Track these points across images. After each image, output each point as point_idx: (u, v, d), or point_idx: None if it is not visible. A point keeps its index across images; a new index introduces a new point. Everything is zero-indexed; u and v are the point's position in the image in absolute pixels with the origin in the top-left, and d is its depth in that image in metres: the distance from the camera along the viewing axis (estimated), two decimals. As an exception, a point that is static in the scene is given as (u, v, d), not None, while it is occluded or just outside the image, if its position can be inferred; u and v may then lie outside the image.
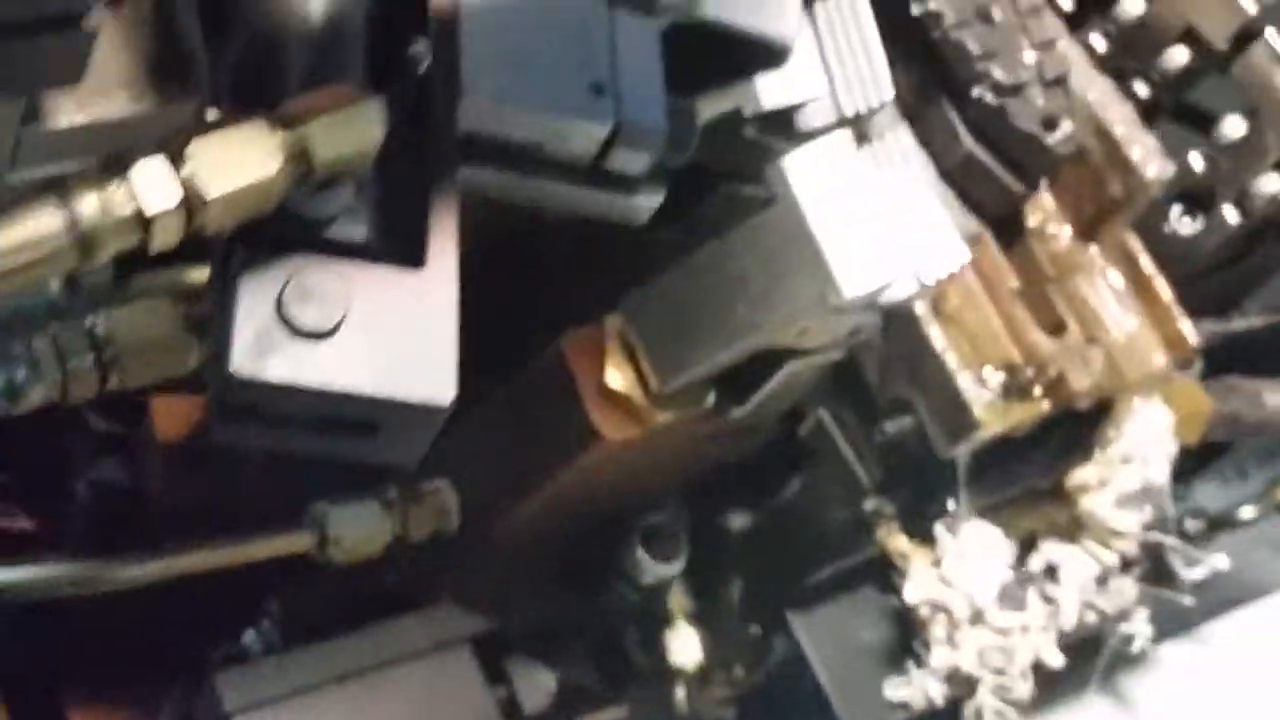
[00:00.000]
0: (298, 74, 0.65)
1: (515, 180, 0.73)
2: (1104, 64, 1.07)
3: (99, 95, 0.71)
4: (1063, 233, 1.03)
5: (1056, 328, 1.01)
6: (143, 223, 0.56)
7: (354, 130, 0.61)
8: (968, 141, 0.99)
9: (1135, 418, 1.05)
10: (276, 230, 0.62)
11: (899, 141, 0.91)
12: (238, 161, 0.57)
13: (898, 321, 0.95)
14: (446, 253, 0.66)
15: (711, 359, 0.87)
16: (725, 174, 0.87)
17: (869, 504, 1.04)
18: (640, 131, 0.73)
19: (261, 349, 0.61)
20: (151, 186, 0.56)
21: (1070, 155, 0.98)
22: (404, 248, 0.65)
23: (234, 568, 0.88)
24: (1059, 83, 0.98)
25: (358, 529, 0.89)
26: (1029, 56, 0.98)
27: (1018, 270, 1.02)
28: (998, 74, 0.97)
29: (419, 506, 0.91)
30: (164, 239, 0.57)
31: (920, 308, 0.96)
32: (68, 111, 0.71)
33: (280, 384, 0.61)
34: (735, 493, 1.10)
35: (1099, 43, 1.08)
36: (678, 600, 1.12)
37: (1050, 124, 0.98)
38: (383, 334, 0.63)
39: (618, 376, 0.87)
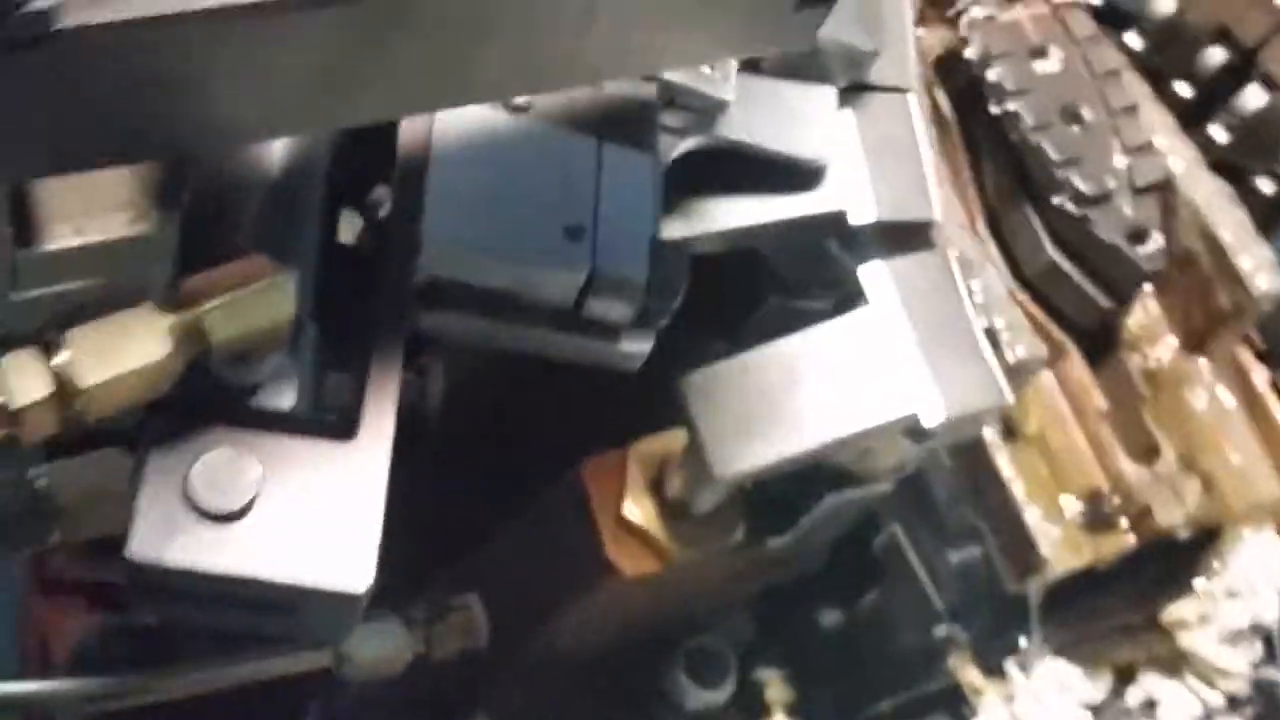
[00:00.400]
0: (232, 236, 0.62)
1: (490, 327, 0.69)
2: (1222, 162, 0.97)
3: (96, 217, 0.70)
4: (1165, 345, 0.94)
5: (1149, 453, 0.92)
6: (11, 415, 0.53)
7: (262, 307, 0.57)
8: (1050, 250, 0.91)
9: (1243, 549, 0.95)
10: (194, 399, 0.59)
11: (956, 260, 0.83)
12: (119, 347, 0.54)
13: (965, 444, 0.88)
14: (381, 422, 0.62)
15: (777, 456, 0.80)
16: (783, 286, 0.82)
17: (941, 630, 0.97)
18: (617, 281, 0.68)
19: (165, 531, 0.58)
20: (20, 377, 0.53)
21: (1161, 271, 0.90)
22: (334, 418, 0.62)
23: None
24: (1152, 190, 0.90)
25: (376, 647, 0.85)
26: (1119, 161, 0.90)
27: (1107, 389, 0.93)
28: (1079, 182, 0.89)
29: (444, 624, 0.87)
30: (37, 430, 0.54)
31: (989, 432, 0.89)
32: (64, 235, 0.70)
33: (180, 569, 0.58)
34: (823, 591, 1.04)
35: (1220, 135, 0.99)
36: (776, 691, 1.07)
37: (1138, 236, 0.90)
38: (298, 515, 0.59)
39: (636, 509, 0.82)
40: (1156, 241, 0.89)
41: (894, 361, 0.76)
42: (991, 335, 0.82)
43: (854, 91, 0.79)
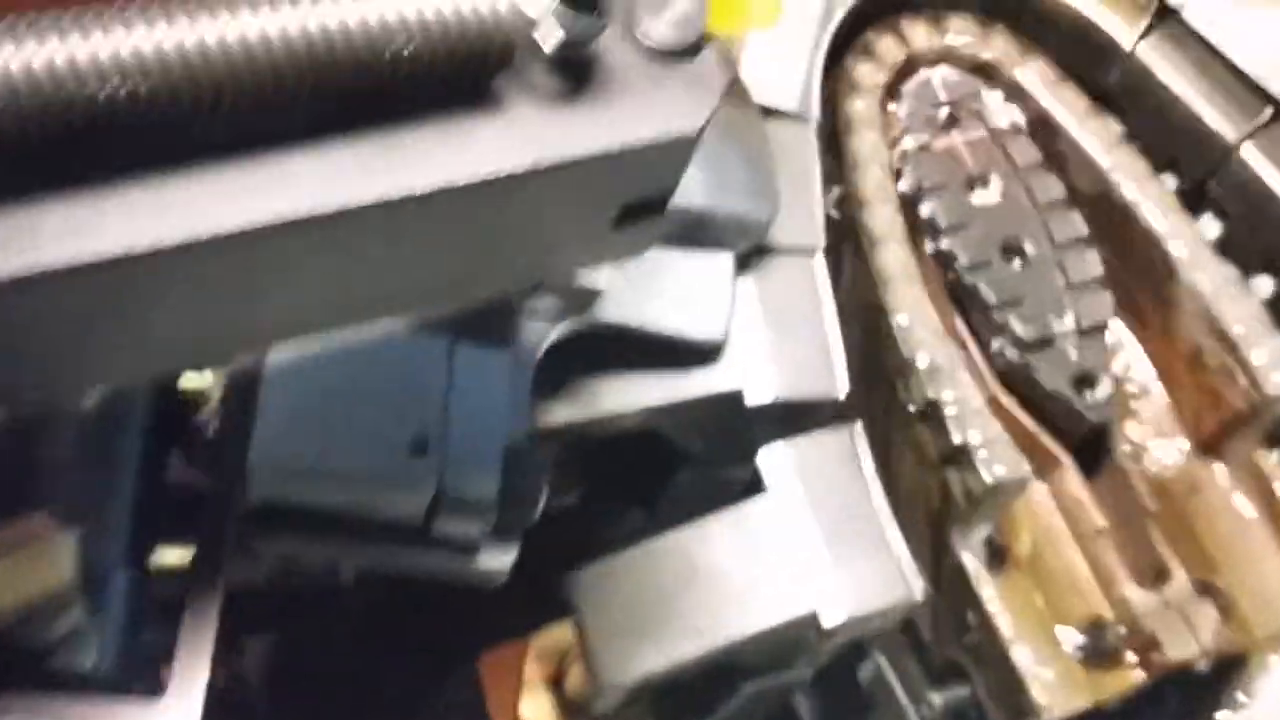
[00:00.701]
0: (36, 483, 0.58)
1: (336, 546, 0.64)
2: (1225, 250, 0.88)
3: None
4: (1173, 450, 0.84)
5: (1157, 575, 0.82)
6: None
7: (36, 571, 0.53)
8: (995, 391, 0.84)
9: (1271, 679, 0.85)
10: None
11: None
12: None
13: (949, 571, 0.81)
14: (193, 677, 0.57)
15: (669, 662, 0.76)
16: (696, 457, 0.77)
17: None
18: (465, 500, 0.62)
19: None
20: None
21: (1108, 421, 0.82)
22: (141, 674, 0.57)
23: None
24: (1099, 330, 0.83)
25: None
26: (1065, 299, 0.83)
27: (1107, 502, 0.83)
28: (1018, 326, 0.82)
29: None
30: None
31: (970, 559, 0.81)
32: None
33: None
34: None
35: (1212, 228, 0.90)
36: None
37: (1085, 382, 0.83)
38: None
39: (533, 710, 0.76)
40: (1105, 387, 0.82)
41: (793, 555, 0.70)
42: (964, 453, 0.75)
43: (757, 255, 0.74)
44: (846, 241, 0.84)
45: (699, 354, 0.71)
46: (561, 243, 0.56)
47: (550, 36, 0.51)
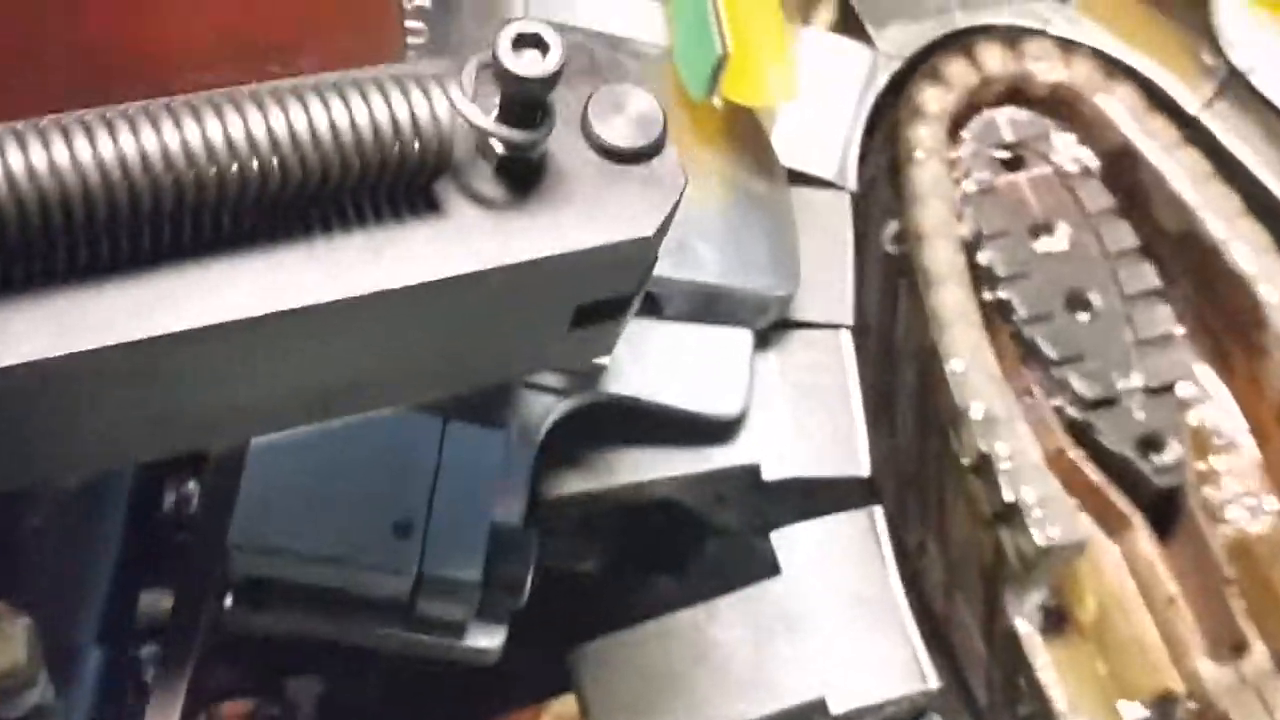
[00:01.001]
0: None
1: (323, 623, 0.63)
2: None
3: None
4: (1260, 511, 0.78)
5: (1234, 648, 0.76)
6: None
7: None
8: (1063, 443, 0.79)
9: None
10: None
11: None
12: None
13: (1001, 634, 0.77)
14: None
15: None
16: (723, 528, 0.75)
17: None
18: (448, 582, 0.61)
19: None
20: None
21: (1177, 485, 0.77)
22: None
23: None
24: (1169, 390, 0.78)
25: None
26: (1134, 355, 0.78)
27: (1181, 566, 0.78)
28: (1079, 384, 0.78)
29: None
30: None
31: (1024, 625, 0.76)
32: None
33: None
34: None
35: None
36: None
37: (1151, 445, 0.78)
38: None
39: (545, 782, 0.75)
40: (1174, 450, 0.77)
41: (805, 639, 0.67)
42: (1017, 512, 0.72)
43: (782, 328, 0.71)
44: (903, 279, 0.80)
45: (715, 430, 0.69)
46: (517, 343, 0.54)
47: (493, 145, 0.49)
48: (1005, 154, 0.82)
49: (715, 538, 0.76)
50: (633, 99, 0.51)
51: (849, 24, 0.79)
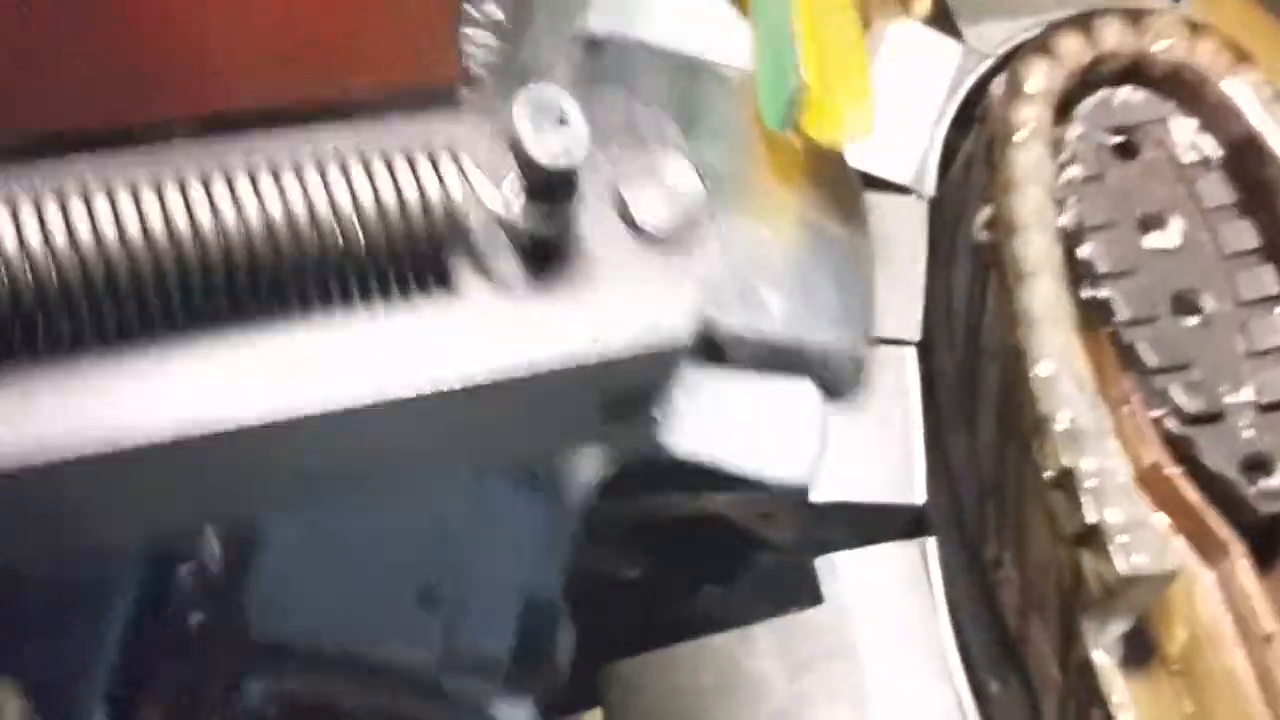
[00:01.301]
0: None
1: (345, 689, 0.61)
2: None
3: None
4: None
5: None
6: None
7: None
8: (1161, 459, 0.73)
9: None
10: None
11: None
12: None
13: (1077, 663, 0.73)
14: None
15: None
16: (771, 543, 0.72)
17: None
18: (474, 658, 0.59)
19: None
20: None
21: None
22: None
23: None
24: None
25: None
26: (1245, 367, 0.72)
27: None
28: (1181, 396, 0.72)
29: None
30: None
31: (1102, 656, 0.72)
32: None
33: None
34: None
35: None
36: None
37: (1259, 467, 0.72)
38: None
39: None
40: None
41: (843, 674, 0.64)
42: (1099, 534, 0.67)
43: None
44: (993, 270, 0.74)
45: (781, 495, 0.65)
46: (545, 432, 0.50)
47: (518, 229, 0.44)
48: (1117, 138, 0.74)
49: (768, 552, 0.72)
50: (672, 167, 0.46)
51: (942, 18, 0.72)
